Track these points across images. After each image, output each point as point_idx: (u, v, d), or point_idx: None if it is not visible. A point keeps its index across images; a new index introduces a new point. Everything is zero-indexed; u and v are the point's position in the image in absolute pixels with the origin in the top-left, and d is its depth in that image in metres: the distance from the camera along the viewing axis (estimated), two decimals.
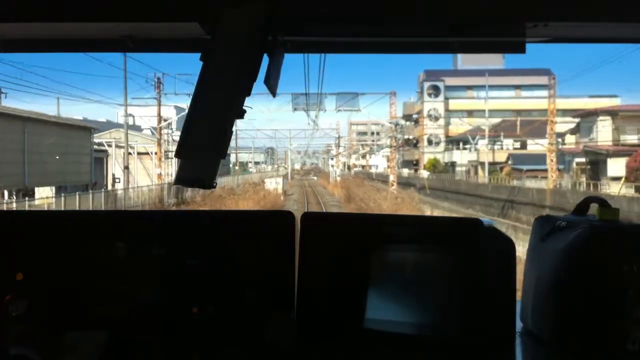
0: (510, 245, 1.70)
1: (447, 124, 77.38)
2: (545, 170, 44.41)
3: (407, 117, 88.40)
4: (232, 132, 1.52)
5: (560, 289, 1.61)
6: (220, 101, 1.48)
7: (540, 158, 52.59)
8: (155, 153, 46.71)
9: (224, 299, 1.76)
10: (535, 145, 57.60)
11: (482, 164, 61.15)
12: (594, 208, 1.75)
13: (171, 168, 46.87)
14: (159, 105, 42.99)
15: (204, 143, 1.46)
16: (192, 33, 1.58)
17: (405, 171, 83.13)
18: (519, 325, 1.77)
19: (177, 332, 1.71)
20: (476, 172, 63.99)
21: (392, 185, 47.68)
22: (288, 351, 1.64)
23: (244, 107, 1.52)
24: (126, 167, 40.40)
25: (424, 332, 1.72)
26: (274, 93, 1.64)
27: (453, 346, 1.68)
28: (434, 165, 72.66)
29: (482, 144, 63.93)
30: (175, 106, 63.51)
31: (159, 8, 1.52)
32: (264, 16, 1.49)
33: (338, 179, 76.22)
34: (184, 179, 1.47)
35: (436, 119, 76.74)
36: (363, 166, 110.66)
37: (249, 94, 1.52)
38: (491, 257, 1.69)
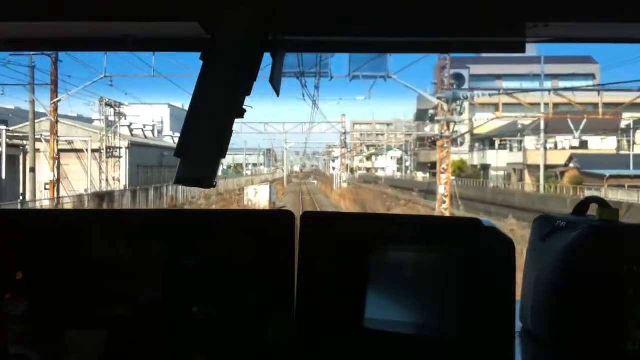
0: (510, 245, 1.70)
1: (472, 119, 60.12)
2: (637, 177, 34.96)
3: (421, 112, 75.70)
4: (232, 131, 1.52)
5: (560, 289, 1.61)
6: (220, 101, 1.48)
7: (615, 160, 41.91)
8: (99, 150, 35.71)
9: (224, 299, 1.76)
10: (593, 143, 47.70)
11: (530, 167, 47.93)
12: (593, 208, 1.76)
13: (119, 171, 38.30)
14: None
15: (204, 143, 1.47)
16: (192, 33, 1.58)
17: (420, 175, 70.86)
18: (518, 325, 1.77)
19: (177, 332, 1.71)
20: (521, 178, 49.28)
21: (444, 202, 29.66)
22: (288, 351, 1.64)
23: (244, 107, 1.53)
24: (32, 170, 29.21)
25: (424, 332, 1.72)
26: (277, 92, 1.64)
27: (453, 346, 1.68)
28: (459, 169, 57.48)
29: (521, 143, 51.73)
30: (169, 104, 60.31)
31: (159, 8, 1.52)
32: (264, 16, 1.49)
33: (344, 185, 63.52)
34: (184, 178, 1.47)
35: (460, 113, 65.57)
36: (368, 169, 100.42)
37: (249, 94, 1.52)
38: (491, 257, 1.69)
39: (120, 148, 39.32)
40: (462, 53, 1.76)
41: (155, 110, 58.48)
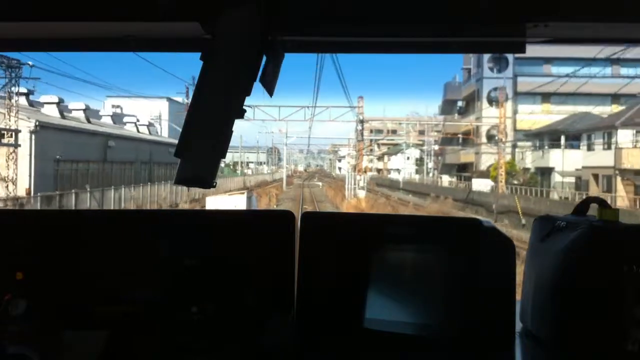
0: (510, 245, 1.70)
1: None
2: None
3: (449, 103, 65.74)
4: (232, 132, 1.52)
5: (560, 289, 1.61)
6: (220, 101, 1.48)
7: None
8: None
9: (224, 299, 1.76)
10: None
11: (624, 171, 34.23)
12: (593, 208, 1.75)
13: (15, 167, 24.35)
14: None
15: (204, 143, 1.47)
16: (192, 33, 1.58)
17: (446, 179, 59.87)
18: (518, 325, 1.77)
19: (177, 332, 1.71)
20: (610, 188, 34.76)
21: None
22: (288, 351, 1.64)
23: (244, 107, 1.53)
24: None
25: (423, 332, 1.72)
26: (270, 92, 1.65)
27: (453, 346, 1.68)
28: (507, 173, 43.57)
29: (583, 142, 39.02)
30: (168, 99, 57.18)
31: (159, 8, 1.52)
32: (264, 16, 1.49)
33: (361, 192, 44.20)
34: (184, 178, 1.48)
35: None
36: (379, 170, 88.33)
37: (249, 94, 1.53)
38: (491, 257, 1.69)
39: (16, 131, 24.36)
40: (462, 53, 1.76)
41: (154, 105, 56.32)
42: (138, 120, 50.03)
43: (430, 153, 69.68)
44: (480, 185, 44.18)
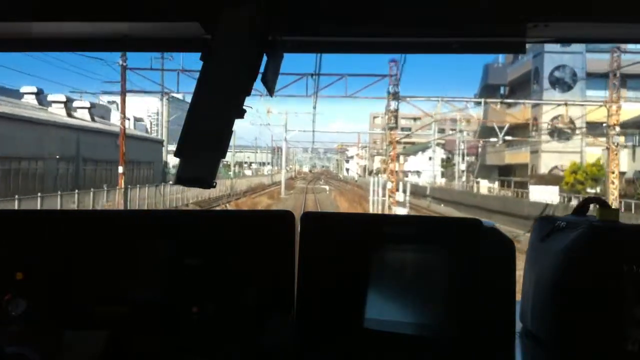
0: (510, 245, 1.70)
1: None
2: None
3: (489, 89, 51.17)
4: (232, 132, 1.53)
5: (560, 289, 1.61)
6: (220, 101, 1.49)
7: None
8: None
9: (224, 299, 1.76)
10: None
11: None
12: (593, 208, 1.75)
13: None
14: None
15: (204, 143, 1.47)
16: (192, 33, 1.59)
17: (485, 185, 47.31)
18: (518, 325, 1.77)
19: (177, 332, 1.71)
20: None
21: None
22: (288, 351, 1.65)
23: (244, 107, 1.54)
24: None
25: (423, 332, 1.72)
26: (271, 92, 1.65)
27: (453, 346, 1.68)
28: (594, 180, 32.19)
29: None
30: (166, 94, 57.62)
31: (159, 8, 1.53)
32: (264, 16, 1.49)
33: (400, 210, 27.73)
34: (184, 178, 1.48)
35: (569, 87, 38.56)
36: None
37: (249, 94, 1.53)
38: (491, 257, 1.69)
39: None
40: (462, 53, 1.77)
41: (151, 101, 54.60)
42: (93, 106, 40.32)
43: (459, 152, 55.52)
44: (542, 194, 30.97)
